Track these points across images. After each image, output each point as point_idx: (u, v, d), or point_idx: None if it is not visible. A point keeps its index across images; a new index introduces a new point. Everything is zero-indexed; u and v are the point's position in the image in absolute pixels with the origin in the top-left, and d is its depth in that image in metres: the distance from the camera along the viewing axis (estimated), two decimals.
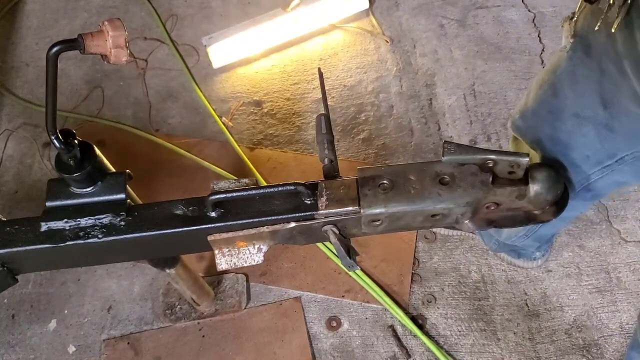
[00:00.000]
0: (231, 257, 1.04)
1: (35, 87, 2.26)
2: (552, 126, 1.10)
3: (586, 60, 0.95)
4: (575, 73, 0.99)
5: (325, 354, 1.66)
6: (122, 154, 2.02)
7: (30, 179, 2.04)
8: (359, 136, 2.03)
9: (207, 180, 1.14)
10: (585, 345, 1.62)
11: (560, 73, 1.03)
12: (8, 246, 1.03)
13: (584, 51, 0.95)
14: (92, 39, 0.95)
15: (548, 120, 1.10)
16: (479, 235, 1.77)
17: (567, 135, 1.09)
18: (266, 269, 1.78)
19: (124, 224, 1.03)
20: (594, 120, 1.01)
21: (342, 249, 0.99)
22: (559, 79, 1.04)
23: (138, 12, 2.42)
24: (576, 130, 1.06)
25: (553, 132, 1.11)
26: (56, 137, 0.99)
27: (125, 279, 1.81)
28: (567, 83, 1.02)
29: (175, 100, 2.18)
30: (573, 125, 1.05)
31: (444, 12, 2.30)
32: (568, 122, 1.06)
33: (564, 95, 1.04)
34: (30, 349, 1.73)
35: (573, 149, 1.10)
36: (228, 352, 1.67)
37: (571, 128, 1.06)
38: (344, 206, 0.96)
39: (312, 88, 2.16)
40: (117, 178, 1.07)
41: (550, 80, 1.06)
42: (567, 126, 1.07)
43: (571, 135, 1.08)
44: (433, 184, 0.95)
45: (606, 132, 1.01)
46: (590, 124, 1.02)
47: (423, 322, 1.68)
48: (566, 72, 1.01)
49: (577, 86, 1.00)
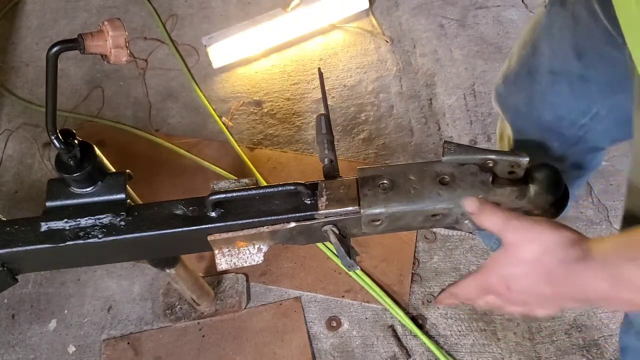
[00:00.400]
0: (231, 257, 1.04)
1: (35, 87, 2.26)
2: (529, 88, 1.10)
3: (562, 13, 0.96)
4: (551, 27, 0.99)
5: (325, 354, 1.66)
6: (122, 154, 2.02)
7: (30, 179, 2.04)
8: (359, 136, 2.03)
9: (207, 180, 1.14)
10: (585, 345, 1.62)
11: (539, 30, 1.03)
12: (8, 246, 1.03)
13: (560, 3, 0.96)
14: (92, 39, 0.95)
15: (526, 81, 1.10)
16: (478, 236, 1.77)
17: (541, 97, 1.08)
18: (266, 269, 1.78)
19: (124, 224, 1.03)
20: (568, 74, 1.01)
21: (342, 249, 0.99)
22: (538, 36, 1.04)
23: (138, 12, 2.42)
24: (550, 88, 1.05)
25: (529, 95, 1.11)
26: (56, 137, 0.99)
27: (125, 279, 1.81)
28: (544, 39, 1.02)
29: (175, 100, 2.19)
30: (547, 83, 1.05)
31: (444, 12, 2.30)
32: (543, 80, 1.06)
33: (541, 53, 1.04)
34: (30, 349, 1.73)
35: (547, 110, 1.10)
36: (228, 352, 1.67)
37: (546, 87, 1.06)
38: (344, 206, 0.96)
39: (312, 88, 2.16)
40: (117, 178, 1.07)
41: (531, 38, 1.06)
42: (542, 85, 1.07)
43: (545, 95, 1.07)
44: (433, 184, 0.95)
45: (580, 84, 1.00)
46: (564, 80, 1.02)
47: (423, 322, 1.68)
48: (544, 27, 1.01)
49: (553, 40, 1.00)
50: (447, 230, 1.80)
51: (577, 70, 0.99)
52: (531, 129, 1.16)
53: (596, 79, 0.99)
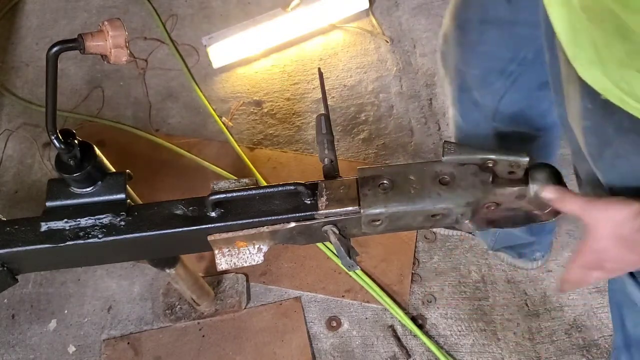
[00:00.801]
0: (231, 257, 1.04)
1: (35, 87, 2.26)
2: (460, 43, 1.11)
3: None
4: None
5: (325, 354, 1.66)
6: (122, 154, 2.02)
7: (30, 179, 2.04)
8: (359, 136, 2.03)
9: (207, 180, 1.14)
10: (585, 345, 1.62)
11: None
12: (8, 246, 1.03)
13: None
14: (92, 39, 0.95)
15: (457, 37, 1.12)
16: (477, 235, 1.77)
17: (470, 49, 1.10)
18: (266, 269, 1.78)
19: (124, 224, 1.03)
20: (497, 20, 1.03)
21: (342, 249, 0.99)
22: None
23: (138, 12, 2.42)
24: (480, 37, 1.07)
25: (461, 50, 1.12)
26: (56, 137, 0.99)
27: (125, 279, 1.81)
28: None
29: (175, 100, 2.19)
30: (478, 33, 1.07)
31: (444, 12, 2.30)
32: (474, 32, 1.07)
33: (471, 4, 1.06)
34: (30, 349, 1.73)
35: (478, 61, 1.11)
36: (228, 352, 1.67)
37: (476, 38, 1.08)
38: (344, 206, 0.96)
39: (312, 88, 2.16)
40: (117, 178, 1.07)
41: None
42: (473, 36, 1.08)
43: (475, 47, 1.09)
44: (433, 184, 0.95)
45: (509, 28, 1.03)
46: (493, 26, 1.04)
47: (423, 322, 1.68)
48: None
49: None
50: (447, 230, 1.80)
51: (507, 14, 1.01)
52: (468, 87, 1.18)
53: (524, 20, 1.00)
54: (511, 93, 1.13)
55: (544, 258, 1.72)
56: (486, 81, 1.14)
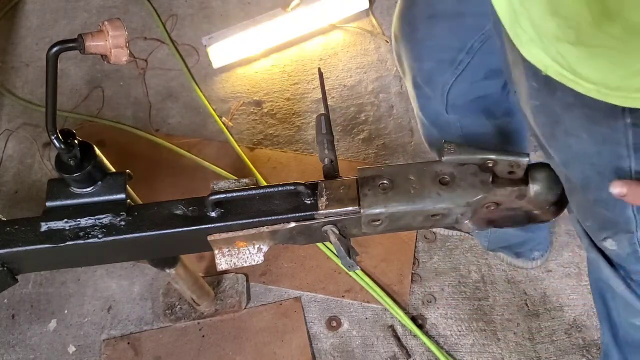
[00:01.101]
0: (231, 257, 1.04)
1: (35, 87, 2.26)
2: (410, 39, 1.13)
3: None
4: None
5: (325, 354, 1.66)
6: (122, 154, 2.02)
7: (30, 179, 2.04)
8: (359, 136, 2.03)
9: (207, 180, 1.14)
10: (585, 345, 1.62)
11: None
12: (8, 246, 1.03)
13: None
14: (92, 39, 0.96)
15: (407, 34, 1.13)
16: (473, 235, 1.77)
17: (420, 44, 1.12)
18: (266, 269, 1.78)
19: (124, 224, 1.04)
20: (444, 13, 1.05)
21: (342, 249, 0.99)
22: None
23: (138, 12, 2.42)
24: (429, 32, 1.09)
25: (411, 46, 1.14)
26: (56, 137, 0.99)
27: (125, 279, 1.81)
28: None
29: (175, 100, 2.19)
30: (426, 28, 1.09)
31: None
32: (422, 27, 1.09)
33: (418, 1, 1.09)
34: (30, 349, 1.73)
35: (428, 55, 1.13)
36: (228, 352, 1.67)
37: (425, 33, 1.10)
38: (344, 206, 0.97)
39: (312, 88, 2.16)
40: (117, 178, 1.07)
41: None
42: (421, 33, 1.10)
43: (424, 41, 1.11)
44: (433, 183, 0.95)
45: (457, 19, 1.05)
46: (441, 19, 1.06)
47: (423, 322, 1.68)
48: None
49: None
50: (447, 230, 1.80)
51: (454, 7, 1.04)
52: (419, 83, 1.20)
53: (470, 11, 1.03)
54: (457, 84, 1.15)
55: (543, 257, 1.71)
56: (435, 75, 1.16)
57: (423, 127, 1.37)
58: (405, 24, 1.14)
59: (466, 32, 1.07)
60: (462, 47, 1.09)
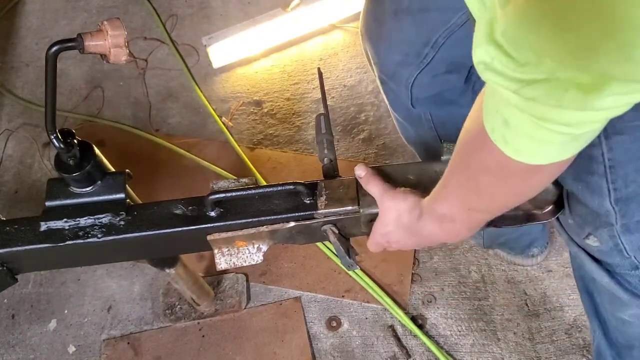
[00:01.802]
0: (231, 257, 1.04)
1: (35, 87, 2.26)
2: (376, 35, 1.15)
3: None
4: None
5: (325, 354, 1.66)
6: (122, 154, 2.02)
7: (30, 179, 2.04)
8: (358, 136, 2.03)
9: (207, 180, 1.14)
10: (585, 345, 1.62)
11: None
12: (8, 246, 1.03)
13: None
14: (92, 39, 0.96)
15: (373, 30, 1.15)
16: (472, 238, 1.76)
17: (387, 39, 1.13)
18: (266, 268, 1.78)
19: (124, 223, 1.04)
20: (409, 8, 1.07)
21: (341, 249, 0.99)
22: None
23: (138, 12, 2.42)
24: (395, 27, 1.11)
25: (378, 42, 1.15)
26: (56, 137, 0.99)
27: (125, 279, 1.81)
28: None
29: (175, 100, 2.19)
30: (392, 23, 1.10)
31: None
32: (388, 23, 1.11)
33: None
34: (30, 349, 1.73)
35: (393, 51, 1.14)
36: (228, 352, 1.67)
37: (390, 28, 1.11)
38: (343, 206, 0.97)
39: (312, 88, 2.16)
40: (117, 178, 1.07)
41: None
42: (387, 28, 1.11)
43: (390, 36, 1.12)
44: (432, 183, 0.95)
45: (422, 15, 1.07)
46: (406, 15, 1.08)
47: (423, 322, 1.68)
48: None
49: None
50: None
51: (419, 2, 1.06)
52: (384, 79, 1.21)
53: (436, 5, 1.05)
54: (420, 78, 1.17)
55: (542, 254, 1.71)
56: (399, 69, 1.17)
57: (397, 122, 1.38)
58: (371, 20, 1.16)
59: (431, 27, 1.09)
60: (427, 42, 1.11)
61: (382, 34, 1.14)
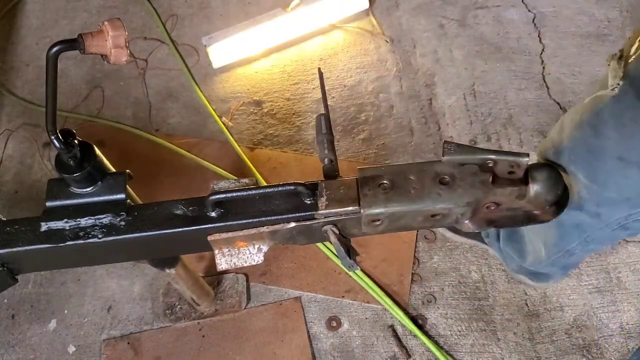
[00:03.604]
0: (231, 257, 1.03)
1: (35, 87, 2.26)
2: (591, 165, 1.07)
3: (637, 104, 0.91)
4: (622, 116, 0.95)
5: (325, 354, 1.66)
6: (122, 154, 2.02)
7: (30, 179, 2.04)
8: (359, 136, 2.03)
9: (207, 180, 1.14)
10: (585, 345, 1.62)
11: (604, 115, 0.98)
12: (8, 246, 1.03)
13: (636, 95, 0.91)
14: (92, 39, 0.95)
15: (586, 159, 1.07)
16: (499, 256, 1.71)
17: (606, 175, 1.06)
18: (266, 269, 1.78)
19: (124, 224, 1.03)
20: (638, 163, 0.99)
21: (342, 249, 0.99)
22: (601, 120, 0.99)
23: (138, 12, 2.42)
24: (619, 172, 1.02)
25: (590, 170, 1.08)
26: (56, 137, 0.99)
27: (125, 279, 1.81)
28: (611, 125, 0.98)
29: (175, 100, 2.18)
30: (615, 167, 1.02)
31: (444, 12, 2.30)
32: (610, 163, 1.03)
33: (606, 136, 1.00)
34: (30, 349, 1.73)
35: (612, 189, 1.07)
36: (228, 352, 1.67)
37: (613, 169, 1.03)
38: (344, 206, 0.96)
39: (312, 88, 2.16)
40: (117, 178, 1.07)
41: (592, 121, 1.02)
42: (608, 167, 1.04)
43: (611, 175, 1.05)
44: (433, 184, 0.95)
45: None
46: (635, 167, 1.00)
47: (423, 322, 1.68)
48: (612, 114, 0.97)
49: (624, 129, 0.96)
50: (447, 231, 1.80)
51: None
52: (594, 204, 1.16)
53: None
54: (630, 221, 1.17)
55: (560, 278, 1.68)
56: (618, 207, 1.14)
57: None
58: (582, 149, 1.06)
59: None
60: None
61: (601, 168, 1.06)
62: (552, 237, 1.33)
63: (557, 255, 1.37)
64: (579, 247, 1.30)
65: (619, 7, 2.24)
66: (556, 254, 1.37)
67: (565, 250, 1.33)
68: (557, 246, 1.34)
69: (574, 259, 1.42)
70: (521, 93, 2.07)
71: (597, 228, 1.20)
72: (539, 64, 2.13)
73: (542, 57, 2.15)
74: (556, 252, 1.36)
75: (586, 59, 2.12)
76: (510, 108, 2.04)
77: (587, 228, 1.22)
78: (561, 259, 1.40)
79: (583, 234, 1.25)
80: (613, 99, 0.94)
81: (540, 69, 2.12)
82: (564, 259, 1.39)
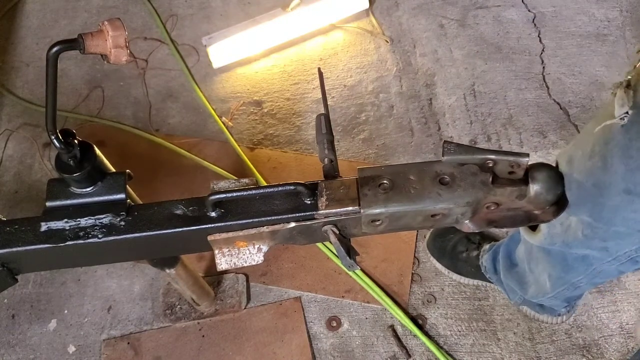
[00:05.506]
0: (231, 257, 1.03)
1: (35, 87, 2.26)
2: (595, 201, 1.04)
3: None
4: (629, 147, 0.92)
5: (325, 354, 1.66)
6: (122, 154, 2.02)
7: (30, 179, 2.04)
8: (359, 136, 2.03)
9: (207, 180, 1.14)
10: (585, 345, 1.62)
11: (612, 146, 0.95)
12: (8, 246, 1.03)
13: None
14: (92, 39, 0.95)
15: (592, 193, 1.03)
16: (501, 289, 1.68)
17: (612, 211, 1.03)
18: (266, 269, 1.78)
19: (124, 224, 1.03)
20: None
21: (342, 249, 0.99)
22: (610, 151, 0.96)
23: (138, 12, 2.42)
24: (626, 206, 1.00)
25: (595, 207, 1.05)
26: (56, 137, 0.99)
27: (125, 279, 1.81)
28: (619, 157, 0.95)
29: (175, 100, 2.19)
30: (622, 201, 0.99)
31: (444, 12, 2.30)
32: (616, 198, 1.00)
33: (614, 170, 0.97)
34: (30, 349, 1.73)
35: (620, 224, 1.05)
36: (228, 352, 1.67)
37: (620, 204, 1.00)
38: (344, 206, 0.96)
39: (312, 88, 2.16)
40: (117, 178, 1.07)
41: (599, 151, 0.99)
42: (615, 202, 1.01)
43: (618, 211, 1.02)
44: (433, 184, 0.95)
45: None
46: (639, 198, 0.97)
47: (423, 322, 1.68)
48: (619, 145, 0.94)
49: (631, 161, 0.93)
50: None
51: None
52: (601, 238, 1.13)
53: None
54: None
55: (569, 314, 1.65)
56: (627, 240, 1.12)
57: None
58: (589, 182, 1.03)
59: None
60: None
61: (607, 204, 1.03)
62: (557, 270, 1.31)
63: (562, 287, 1.35)
64: (585, 279, 1.28)
65: (619, 7, 2.24)
66: (561, 286, 1.35)
67: (571, 283, 1.31)
68: (562, 279, 1.32)
69: (578, 291, 1.40)
70: (521, 93, 2.07)
71: (605, 261, 1.17)
72: (539, 64, 2.13)
73: (542, 57, 2.15)
74: (561, 284, 1.34)
75: (586, 58, 2.13)
76: (510, 108, 2.04)
77: (593, 261, 1.20)
78: (565, 292, 1.38)
79: (589, 267, 1.22)
80: (622, 130, 0.92)
81: (540, 69, 2.12)
82: (568, 292, 1.37)
